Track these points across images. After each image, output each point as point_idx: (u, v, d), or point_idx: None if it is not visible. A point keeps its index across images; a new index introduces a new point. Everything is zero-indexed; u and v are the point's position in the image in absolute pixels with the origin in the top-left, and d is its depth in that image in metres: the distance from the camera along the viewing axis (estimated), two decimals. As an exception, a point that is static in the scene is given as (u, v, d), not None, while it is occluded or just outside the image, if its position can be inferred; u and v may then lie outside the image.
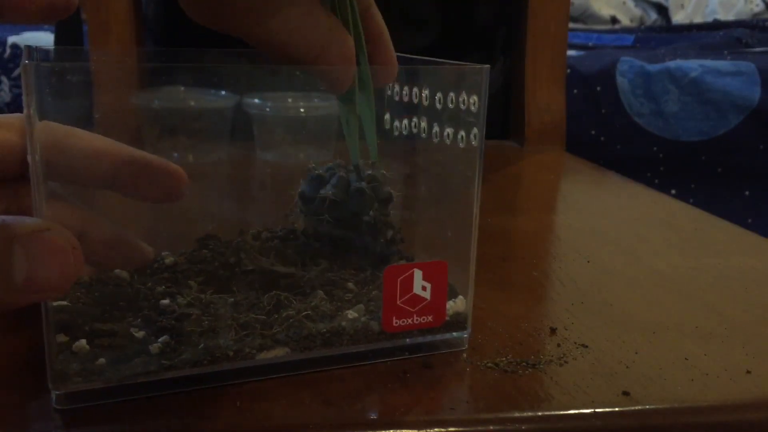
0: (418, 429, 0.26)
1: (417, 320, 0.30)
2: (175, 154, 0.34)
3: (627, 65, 1.26)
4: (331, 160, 0.33)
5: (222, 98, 0.34)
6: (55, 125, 0.28)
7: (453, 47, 0.82)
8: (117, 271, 0.30)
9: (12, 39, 1.34)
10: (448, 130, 0.32)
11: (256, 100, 0.38)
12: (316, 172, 0.32)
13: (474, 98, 0.30)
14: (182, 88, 0.32)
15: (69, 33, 0.78)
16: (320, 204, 0.32)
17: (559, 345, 0.32)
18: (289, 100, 0.39)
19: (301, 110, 0.39)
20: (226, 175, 0.37)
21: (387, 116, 0.35)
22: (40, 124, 0.24)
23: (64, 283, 0.23)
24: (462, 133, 0.31)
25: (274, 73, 0.31)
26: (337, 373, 0.29)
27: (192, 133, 0.36)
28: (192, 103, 0.35)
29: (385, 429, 0.26)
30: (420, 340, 0.31)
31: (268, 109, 0.38)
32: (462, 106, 0.31)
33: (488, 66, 0.30)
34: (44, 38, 1.32)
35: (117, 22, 0.74)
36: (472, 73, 0.30)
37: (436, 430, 0.26)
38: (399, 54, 0.36)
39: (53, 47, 0.67)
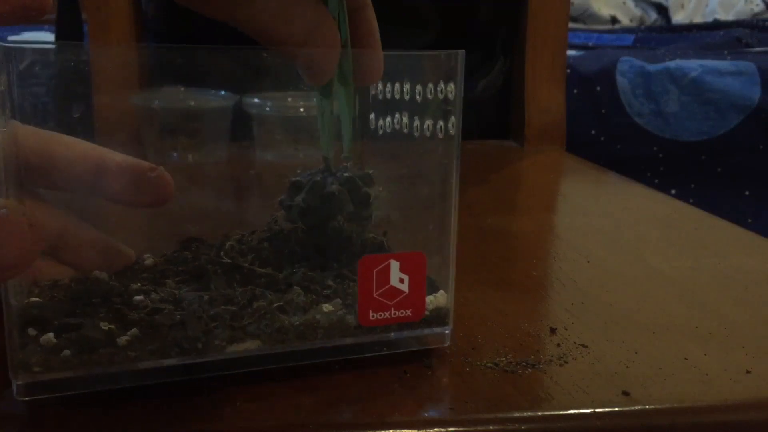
0: (418, 429, 0.26)
1: (395, 314, 0.29)
2: (175, 154, 0.34)
3: (627, 65, 1.26)
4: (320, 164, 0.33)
5: (222, 98, 0.34)
6: (37, 130, 0.28)
7: (453, 47, 0.82)
8: (96, 272, 0.30)
9: (11, 39, 1.34)
10: (428, 122, 0.31)
11: (256, 100, 0.38)
12: (296, 178, 0.32)
13: (450, 85, 0.30)
14: (182, 88, 0.32)
15: (69, 32, 0.78)
16: (295, 211, 0.31)
17: (559, 345, 0.32)
18: (289, 99, 0.39)
19: (301, 110, 0.39)
20: (225, 175, 0.37)
21: (372, 115, 0.35)
22: (14, 124, 0.24)
23: (22, 260, 0.23)
24: (440, 123, 0.31)
25: (269, 68, 0.31)
26: (337, 373, 0.29)
27: (192, 133, 0.36)
28: (192, 103, 0.35)
29: (384, 429, 0.26)
30: (399, 335, 0.30)
31: (268, 109, 0.38)
32: (440, 95, 0.30)
33: (463, 51, 0.29)
34: (44, 38, 1.32)
35: (117, 21, 0.74)
36: (448, 58, 0.30)
37: (436, 430, 0.26)
38: (385, 51, 0.36)
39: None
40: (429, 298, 0.30)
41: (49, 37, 1.32)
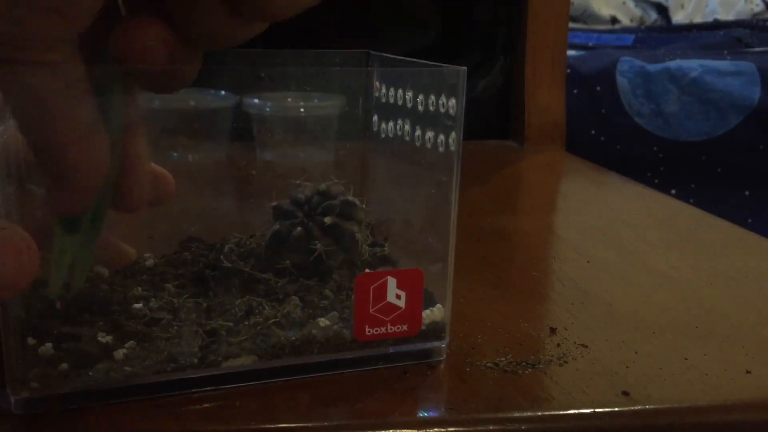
0: (418, 429, 0.26)
1: (391, 329, 0.29)
2: (175, 154, 0.34)
3: (627, 65, 1.26)
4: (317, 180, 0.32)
5: (222, 98, 0.34)
6: None
7: (453, 47, 0.82)
8: (97, 267, 0.30)
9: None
10: (429, 134, 0.31)
11: (256, 100, 0.38)
12: (276, 227, 0.31)
13: (452, 101, 0.30)
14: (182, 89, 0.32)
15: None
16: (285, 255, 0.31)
17: (559, 345, 0.32)
18: (289, 99, 0.39)
19: (301, 110, 0.39)
20: (225, 175, 0.37)
21: (375, 118, 0.35)
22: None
23: (19, 281, 0.23)
24: (441, 136, 0.30)
25: (275, 73, 0.31)
26: (337, 373, 0.29)
27: (192, 133, 0.36)
28: (192, 103, 0.35)
29: (384, 429, 0.26)
30: (395, 349, 0.30)
31: (268, 109, 0.38)
32: (441, 109, 0.30)
33: (465, 68, 0.29)
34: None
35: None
36: (450, 74, 0.30)
37: (436, 430, 0.26)
38: (388, 55, 0.36)
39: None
40: (426, 312, 0.30)
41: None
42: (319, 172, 0.33)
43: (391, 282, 0.29)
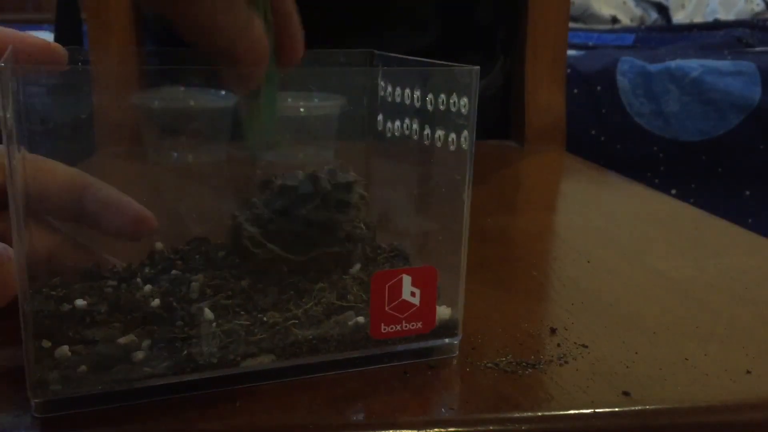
0: (418, 429, 0.26)
1: (406, 326, 0.30)
2: (175, 154, 0.34)
3: (627, 65, 1.26)
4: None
5: (222, 98, 0.34)
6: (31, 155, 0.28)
7: (453, 47, 0.82)
8: (113, 260, 0.30)
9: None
10: (439, 133, 0.31)
11: (257, 100, 0.38)
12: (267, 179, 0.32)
13: (464, 100, 0.30)
14: (182, 88, 0.32)
15: (68, 33, 0.78)
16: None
17: (559, 345, 0.32)
18: (289, 100, 0.39)
19: (301, 110, 0.39)
20: (225, 175, 0.37)
21: (380, 117, 0.35)
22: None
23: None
24: (453, 135, 0.31)
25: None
26: (338, 373, 0.29)
27: (192, 133, 0.36)
28: (192, 103, 0.35)
29: (385, 429, 0.26)
30: (409, 346, 0.30)
31: (268, 109, 0.38)
32: (452, 108, 0.30)
33: (478, 68, 0.29)
34: (43, 38, 1.32)
35: (117, 22, 0.74)
36: (462, 74, 0.30)
37: (436, 430, 0.26)
38: (394, 54, 0.36)
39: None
40: (439, 309, 0.31)
41: (48, 37, 1.31)
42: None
43: (406, 280, 0.29)
